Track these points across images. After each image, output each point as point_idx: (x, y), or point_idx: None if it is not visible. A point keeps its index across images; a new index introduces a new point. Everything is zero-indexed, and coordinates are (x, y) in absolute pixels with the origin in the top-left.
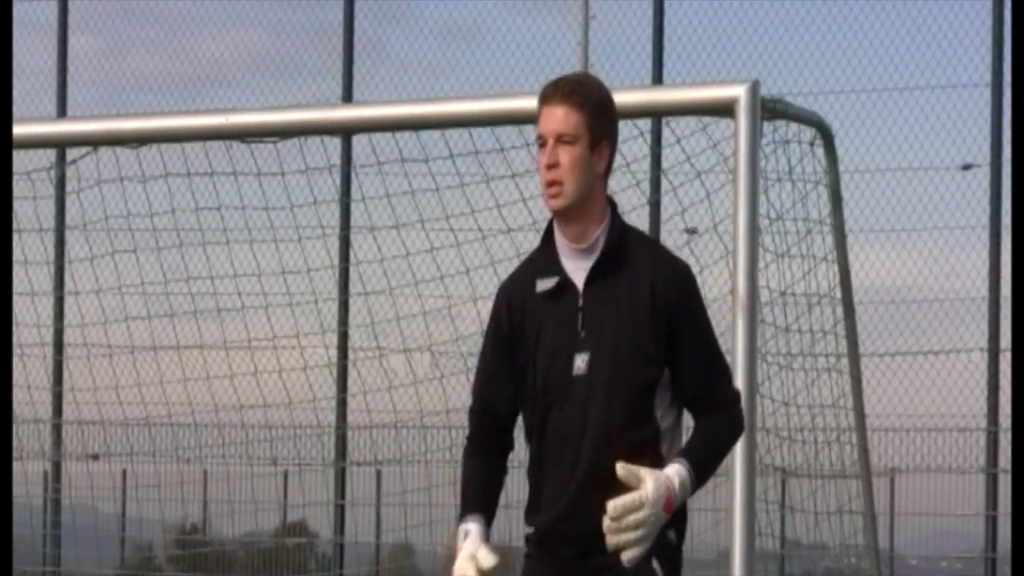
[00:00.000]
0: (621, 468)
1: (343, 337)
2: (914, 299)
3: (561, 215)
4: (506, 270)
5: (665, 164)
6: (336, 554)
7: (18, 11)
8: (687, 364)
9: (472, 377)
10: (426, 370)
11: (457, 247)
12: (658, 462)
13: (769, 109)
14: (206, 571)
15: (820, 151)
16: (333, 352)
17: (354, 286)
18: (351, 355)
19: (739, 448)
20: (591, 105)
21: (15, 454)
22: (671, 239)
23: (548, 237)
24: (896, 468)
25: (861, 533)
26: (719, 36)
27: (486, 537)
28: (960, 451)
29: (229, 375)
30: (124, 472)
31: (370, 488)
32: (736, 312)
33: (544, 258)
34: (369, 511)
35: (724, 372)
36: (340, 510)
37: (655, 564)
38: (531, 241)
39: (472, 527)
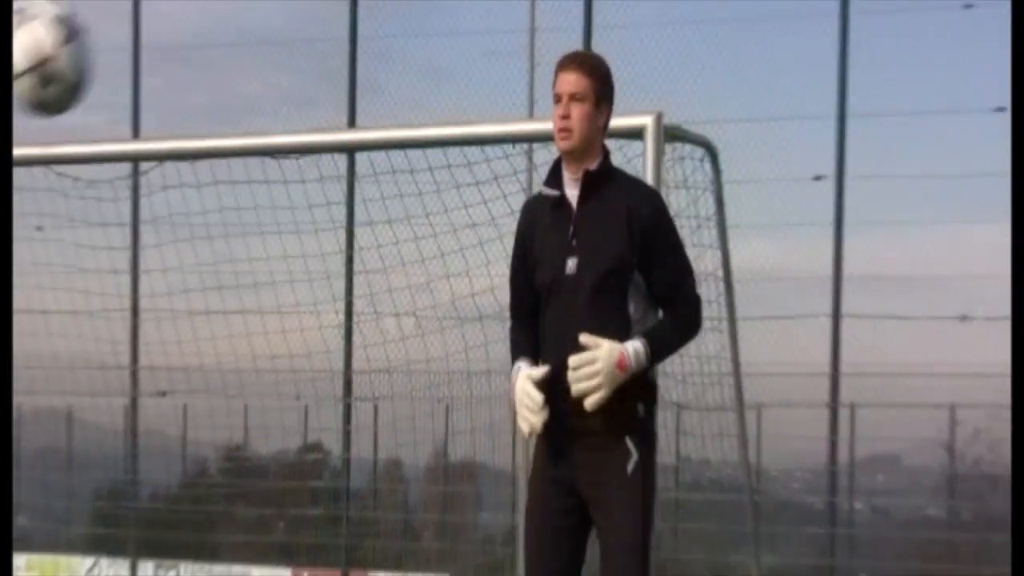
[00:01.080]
0: (584, 336)
1: (348, 305)
2: (777, 277)
3: (568, 154)
4: (472, 254)
5: None
6: (344, 466)
7: (104, 59)
8: (657, 267)
9: (447, 336)
10: (411, 329)
11: (434, 237)
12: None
13: (669, 134)
14: (246, 478)
15: (708, 165)
16: (341, 316)
17: (357, 267)
18: (355, 318)
19: None
20: (598, 73)
21: (102, 393)
22: None
23: (556, 170)
24: (762, 403)
25: (736, 452)
26: (632, 75)
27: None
28: (809, 391)
29: (263, 332)
30: (185, 406)
31: (369, 418)
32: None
33: (551, 184)
34: (368, 435)
35: (689, 274)
36: (347, 434)
37: (628, 442)
38: (490, 233)
39: (521, 363)
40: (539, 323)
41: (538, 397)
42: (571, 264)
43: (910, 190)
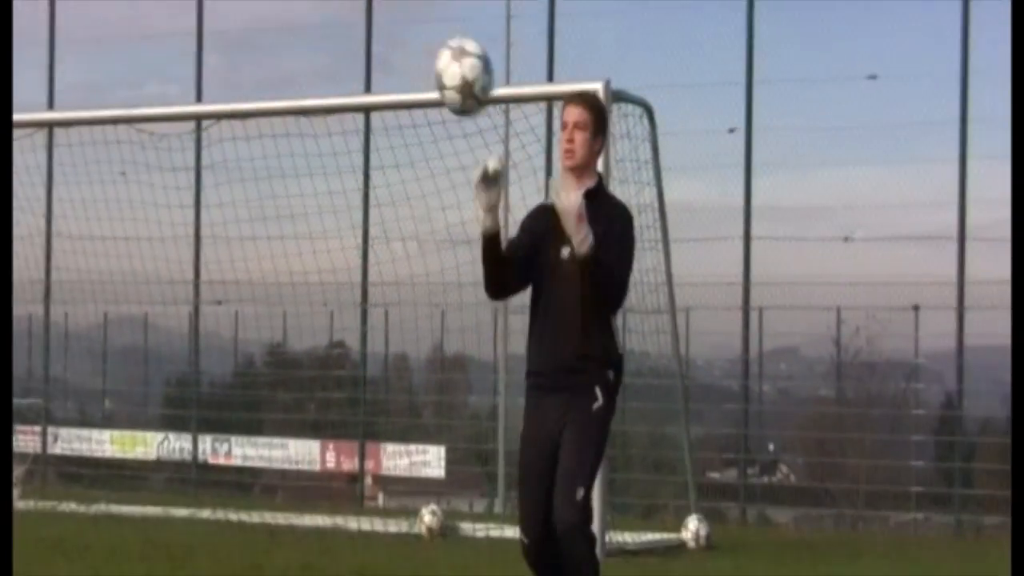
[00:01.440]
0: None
1: (365, 231)
2: (700, 208)
3: (571, 170)
4: (461, 191)
5: (556, 128)
6: (362, 359)
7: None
8: (608, 244)
9: (443, 255)
10: (414, 251)
11: (432, 178)
12: (609, 331)
13: (615, 96)
14: (285, 368)
15: (646, 120)
16: (359, 240)
17: (371, 201)
18: (370, 242)
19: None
20: (596, 109)
21: (171, 303)
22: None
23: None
24: (690, 307)
25: (669, 346)
26: (587, 51)
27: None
28: (726, 297)
29: (298, 254)
30: (236, 312)
31: (381, 320)
32: None
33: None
34: (381, 334)
35: (627, 265)
36: (364, 334)
37: (597, 390)
38: (465, 171)
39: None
40: (515, 268)
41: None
42: (565, 252)
43: (804, 139)
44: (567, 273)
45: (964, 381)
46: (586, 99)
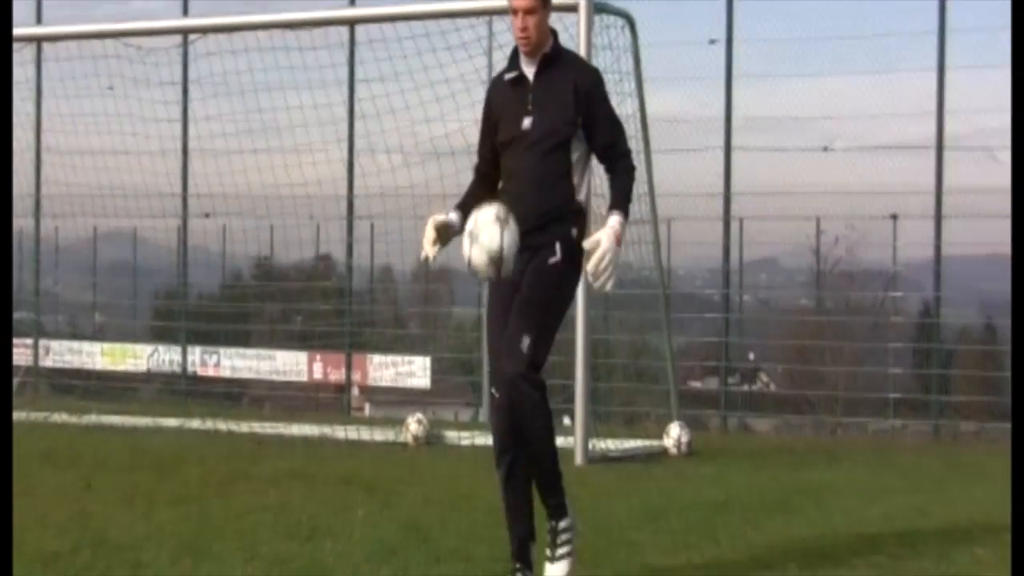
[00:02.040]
0: (585, 243)
1: (350, 143)
2: (682, 119)
3: (529, 52)
4: (445, 103)
5: None
6: (348, 271)
7: None
8: (598, 127)
9: (427, 167)
10: (399, 162)
11: (416, 90)
12: (568, 187)
13: (597, 7)
14: (272, 281)
15: (627, 32)
16: (345, 153)
17: (356, 114)
18: (355, 155)
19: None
20: None
21: (159, 215)
22: None
23: (514, 56)
24: (671, 217)
25: (652, 256)
26: None
27: (454, 219)
28: (707, 207)
29: (284, 166)
30: (224, 226)
31: (367, 232)
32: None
33: (511, 65)
34: (366, 246)
35: (622, 133)
36: (349, 246)
37: (557, 246)
38: (458, 87)
39: (452, 214)
40: (498, 172)
41: (431, 235)
42: (527, 122)
43: (783, 51)
44: (529, 143)
45: (941, 289)
46: None
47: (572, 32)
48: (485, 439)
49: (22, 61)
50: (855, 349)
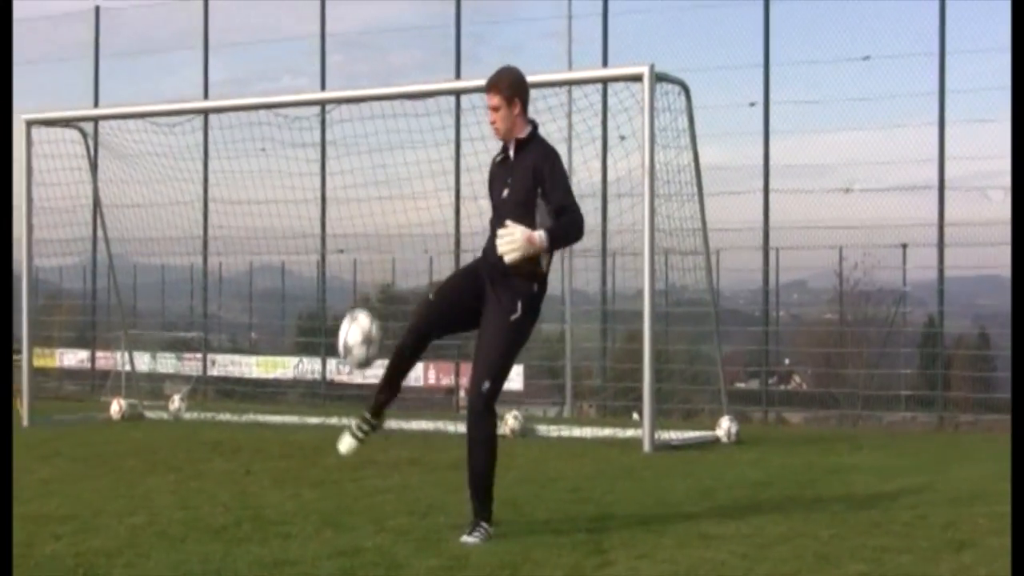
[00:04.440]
0: (508, 221)
1: (456, 192)
2: (730, 168)
3: (499, 136)
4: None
5: (614, 101)
6: None
7: (301, 44)
8: (549, 190)
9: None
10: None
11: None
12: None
13: (658, 77)
14: (394, 304)
15: (683, 97)
16: (453, 198)
17: (463, 167)
18: (461, 200)
19: (645, 237)
20: (502, 86)
21: (303, 252)
22: (613, 136)
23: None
24: (720, 248)
25: (704, 280)
26: (637, 41)
27: None
28: (750, 239)
29: (404, 210)
30: (355, 260)
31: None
32: (645, 176)
33: (503, 148)
34: None
35: (570, 196)
36: None
37: (518, 303)
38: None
39: None
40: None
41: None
42: (505, 192)
43: (810, 110)
44: (506, 209)
45: (943, 305)
46: (491, 84)
47: (638, 97)
48: (569, 431)
49: (193, 129)
50: (872, 354)
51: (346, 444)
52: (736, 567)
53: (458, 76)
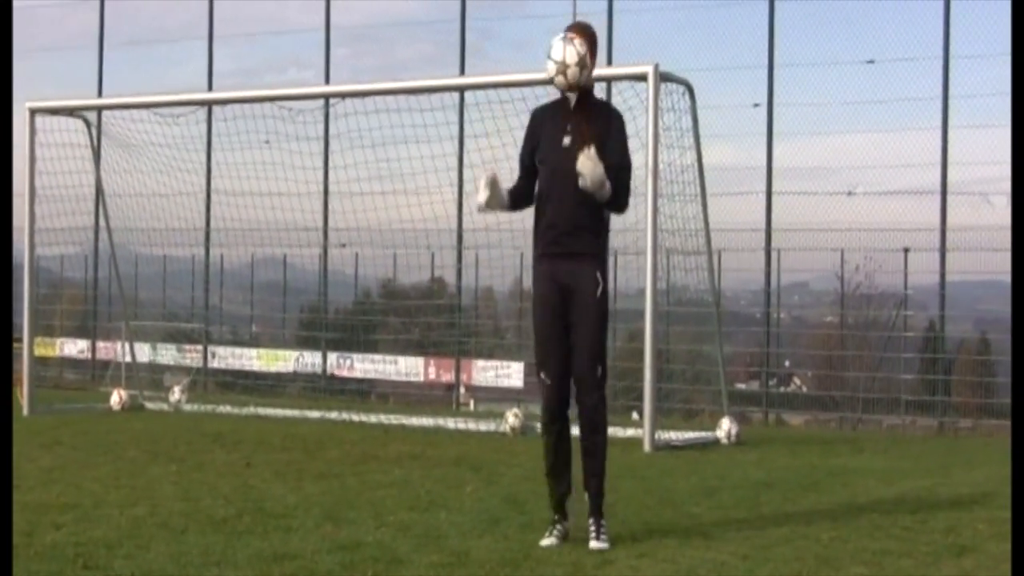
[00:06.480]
0: (587, 157)
1: (460, 187)
2: (733, 169)
3: (569, 86)
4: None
5: (619, 100)
6: (457, 291)
7: (306, 36)
8: (612, 146)
9: None
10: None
11: (515, 144)
12: (601, 220)
13: (663, 76)
14: (395, 299)
15: (687, 96)
16: (455, 194)
17: (466, 163)
18: (463, 196)
19: (648, 237)
20: (590, 32)
21: (305, 245)
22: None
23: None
24: (722, 249)
25: (706, 281)
26: (641, 40)
27: (502, 190)
28: (752, 241)
29: (407, 205)
30: (356, 253)
31: (473, 259)
32: (648, 176)
33: (555, 101)
34: (472, 270)
35: (627, 156)
36: (459, 270)
37: (597, 274)
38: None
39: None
40: (537, 184)
41: (484, 188)
42: (567, 140)
43: (814, 113)
44: (569, 160)
45: (944, 309)
46: (581, 27)
47: (642, 96)
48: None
49: (197, 121)
50: (872, 358)
51: (546, 541)
52: (737, 568)
53: (463, 71)
